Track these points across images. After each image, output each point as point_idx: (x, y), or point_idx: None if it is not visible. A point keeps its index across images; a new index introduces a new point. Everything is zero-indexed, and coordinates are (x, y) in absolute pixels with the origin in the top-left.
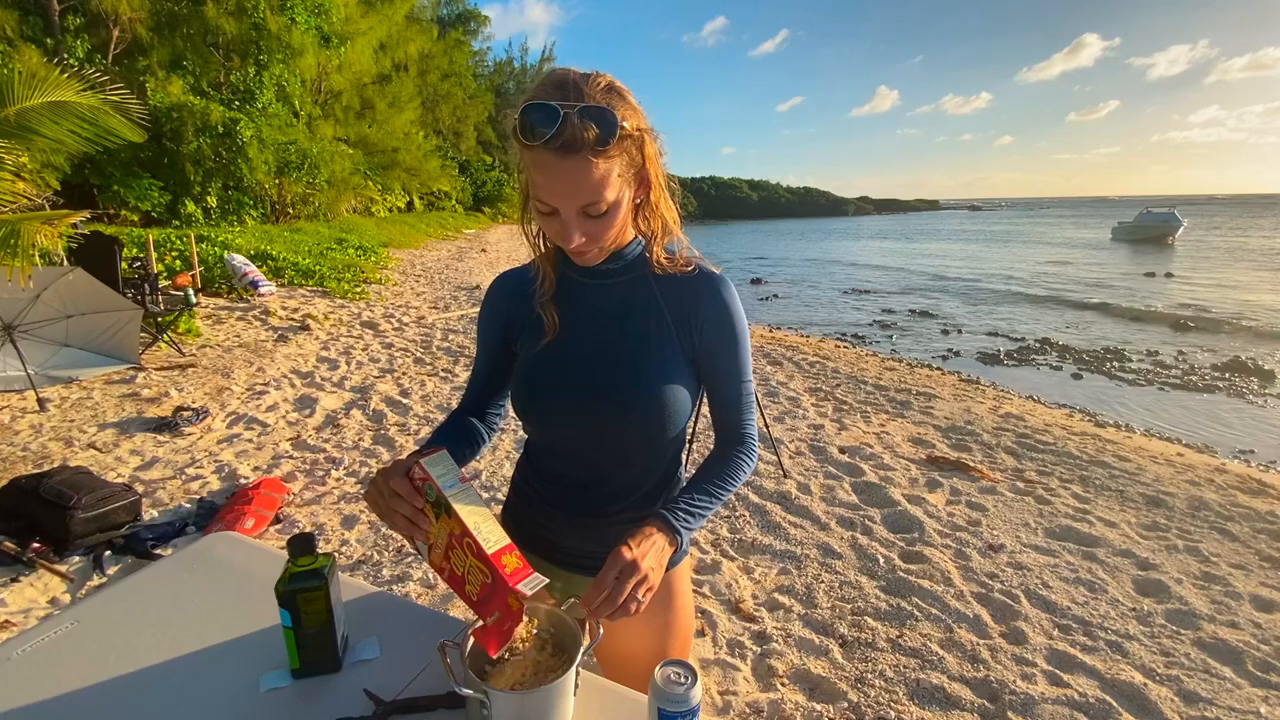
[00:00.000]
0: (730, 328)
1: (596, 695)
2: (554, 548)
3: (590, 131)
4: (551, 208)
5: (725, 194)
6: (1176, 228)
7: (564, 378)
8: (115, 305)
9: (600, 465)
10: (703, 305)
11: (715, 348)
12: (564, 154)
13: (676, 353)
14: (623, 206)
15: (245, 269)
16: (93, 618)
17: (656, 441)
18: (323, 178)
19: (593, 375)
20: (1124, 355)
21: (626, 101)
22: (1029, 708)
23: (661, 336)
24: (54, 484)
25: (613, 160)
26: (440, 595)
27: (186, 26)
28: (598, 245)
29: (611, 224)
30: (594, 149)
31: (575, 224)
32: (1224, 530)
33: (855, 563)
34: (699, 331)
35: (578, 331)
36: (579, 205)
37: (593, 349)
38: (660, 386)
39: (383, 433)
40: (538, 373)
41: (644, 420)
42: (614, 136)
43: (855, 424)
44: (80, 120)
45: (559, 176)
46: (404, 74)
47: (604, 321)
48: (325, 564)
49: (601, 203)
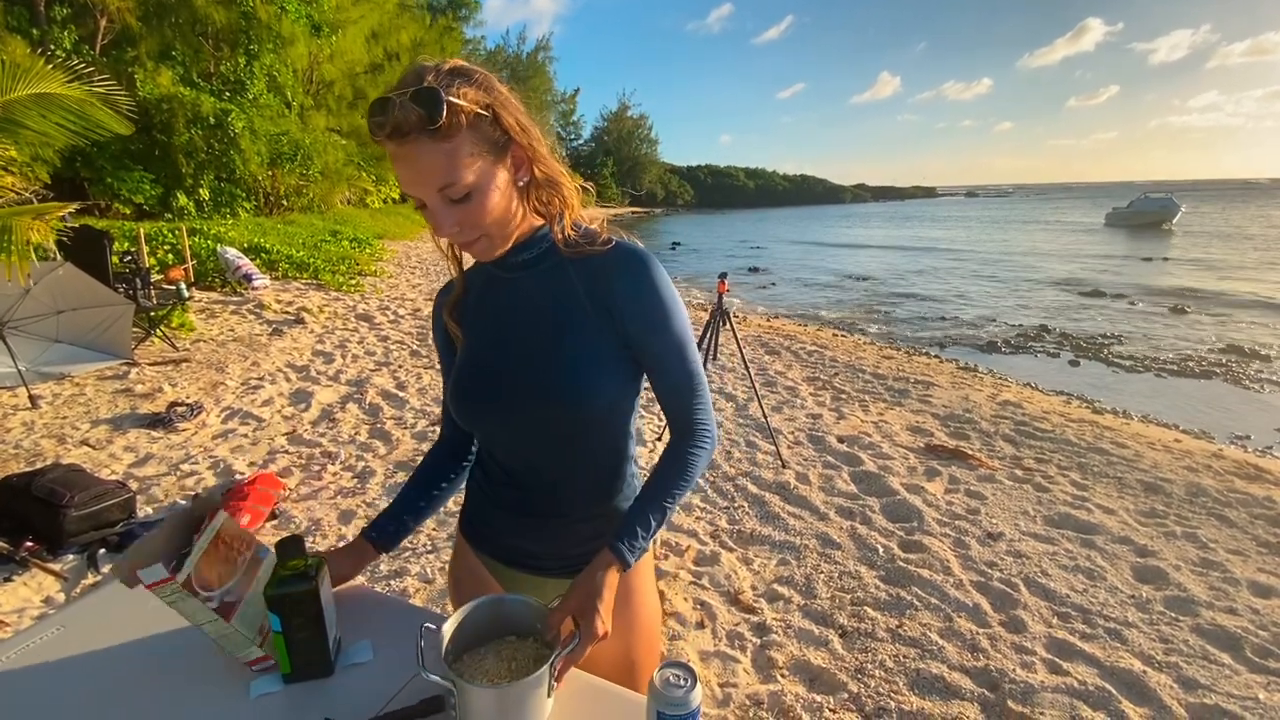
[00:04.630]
0: (657, 307)
1: (593, 696)
2: (505, 548)
3: (414, 114)
4: (420, 200)
5: (722, 182)
6: (1174, 213)
7: (485, 378)
8: (106, 300)
9: (538, 465)
10: (621, 286)
11: (643, 331)
12: (399, 141)
13: (599, 339)
14: (491, 189)
15: (238, 262)
16: (80, 622)
17: (589, 435)
18: (316, 169)
19: (512, 372)
20: (1121, 341)
21: (471, 79)
22: (1029, 696)
23: (581, 324)
24: (46, 482)
25: (455, 140)
26: (437, 591)
27: (175, 16)
28: (482, 233)
29: (482, 209)
30: (425, 130)
31: (443, 212)
32: (1222, 516)
33: (854, 552)
34: (621, 314)
35: (496, 330)
36: (435, 190)
37: (511, 346)
38: (579, 377)
39: (379, 426)
40: (461, 376)
41: (568, 413)
42: (440, 114)
43: (853, 413)
44: (67, 113)
45: (402, 165)
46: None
47: (520, 315)
48: (315, 566)
49: (458, 185)
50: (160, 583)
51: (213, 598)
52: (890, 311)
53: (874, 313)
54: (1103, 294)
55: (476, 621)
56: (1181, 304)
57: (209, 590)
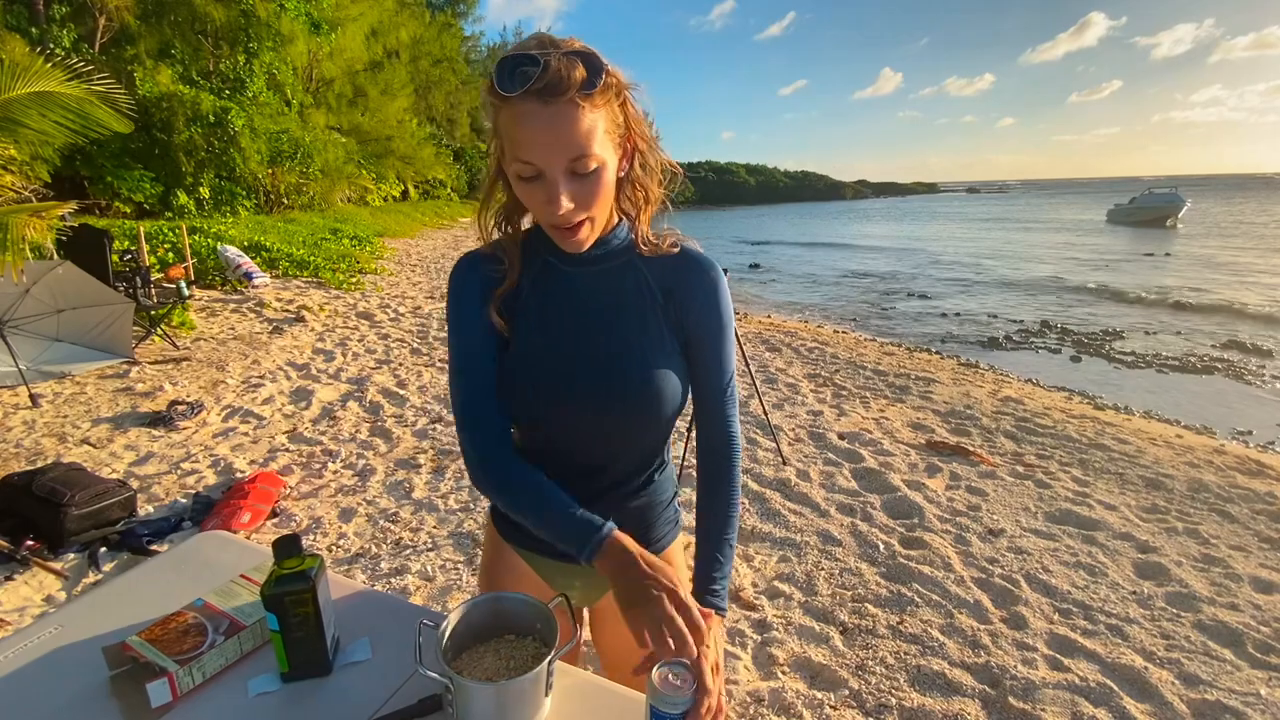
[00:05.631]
0: (719, 318)
1: (591, 694)
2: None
3: (577, 71)
4: (536, 169)
5: (723, 179)
6: (1179, 208)
7: (565, 373)
8: (107, 299)
9: (597, 457)
10: (694, 292)
11: (702, 338)
12: (549, 98)
13: (671, 340)
14: (609, 171)
15: (239, 260)
16: (79, 620)
17: (657, 431)
18: (316, 167)
19: (589, 371)
20: (1123, 337)
21: (604, 59)
22: (1030, 693)
23: (657, 325)
24: (47, 481)
25: (599, 110)
26: (437, 589)
27: (174, 14)
28: (586, 215)
29: (600, 189)
30: (581, 91)
31: (563, 185)
32: (1223, 512)
33: (855, 549)
34: (688, 318)
35: (571, 323)
36: (567, 160)
37: (592, 342)
38: (664, 379)
39: (380, 424)
40: (537, 370)
41: (648, 414)
42: (600, 79)
43: (854, 410)
44: (67, 111)
45: (543, 126)
46: (396, 60)
47: (597, 311)
48: (312, 565)
49: (590, 158)
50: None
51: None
52: (891, 308)
53: (875, 309)
54: (1104, 290)
55: (475, 620)
56: (1183, 300)
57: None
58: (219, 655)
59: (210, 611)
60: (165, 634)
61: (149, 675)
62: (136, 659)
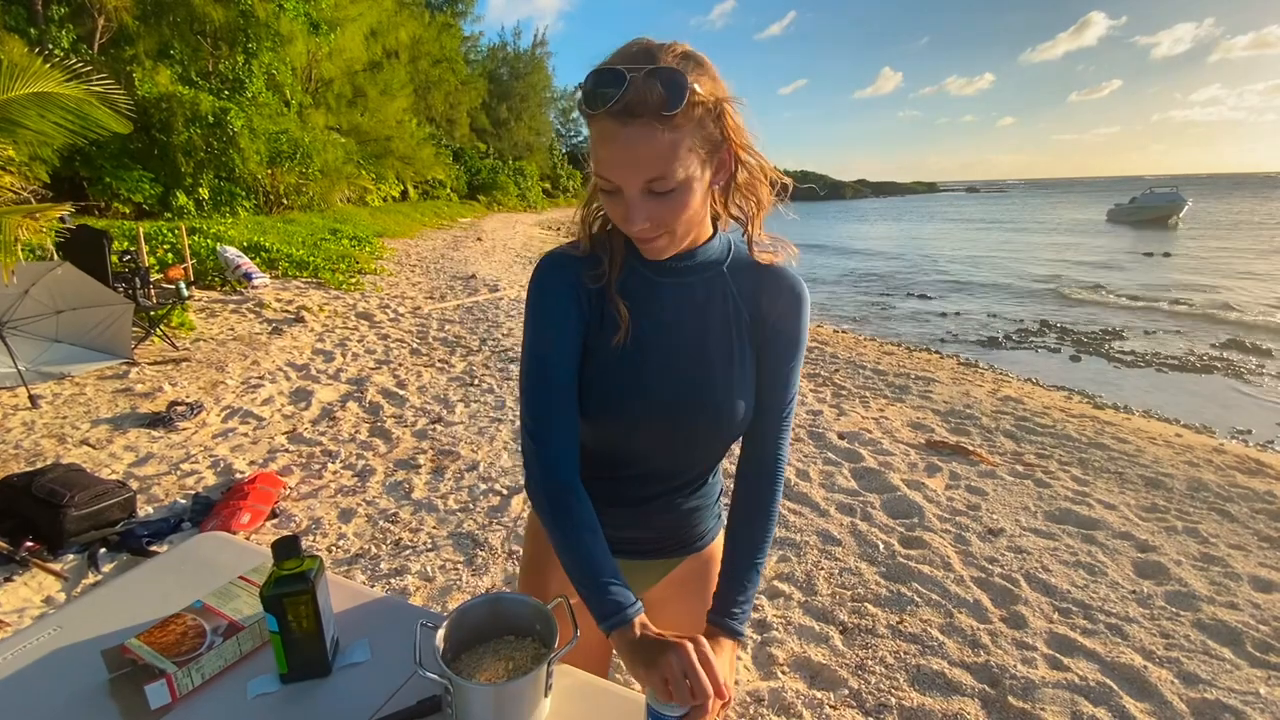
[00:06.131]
0: (797, 339)
1: (591, 695)
2: (611, 540)
3: (654, 94)
4: (614, 185)
5: None
6: (1181, 207)
7: (649, 384)
8: (106, 300)
9: (662, 464)
10: (778, 309)
11: (779, 356)
12: (626, 119)
13: (751, 357)
14: (695, 188)
15: (238, 261)
16: (79, 622)
17: (725, 445)
18: (315, 167)
19: (680, 384)
20: (1122, 336)
21: (704, 68)
22: (1029, 692)
23: (741, 343)
24: (46, 482)
25: (681, 131)
26: (437, 590)
27: (173, 14)
28: (666, 231)
29: (681, 207)
30: (659, 115)
31: (639, 204)
32: (1223, 511)
33: (855, 549)
34: (767, 333)
35: (657, 333)
36: (643, 180)
37: (677, 354)
38: (742, 399)
39: (379, 425)
40: (622, 376)
41: (722, 432)
42: (682, 101)
43: (854, 409)
44: (66, 112)
45: (620, 146)
46: (395, 60)
47: (683, 323)
48: (312, 567)
49: (669, 178)
50: None
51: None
52: (890, 308)
53: (874, 309)
54: (1103, 290)
55: (475, 621)
56: (1183, 300)
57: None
58: (218, 657)
59: (209, 613)
60: (164, 636)
61: (148, 677)
62: (135, 661)
